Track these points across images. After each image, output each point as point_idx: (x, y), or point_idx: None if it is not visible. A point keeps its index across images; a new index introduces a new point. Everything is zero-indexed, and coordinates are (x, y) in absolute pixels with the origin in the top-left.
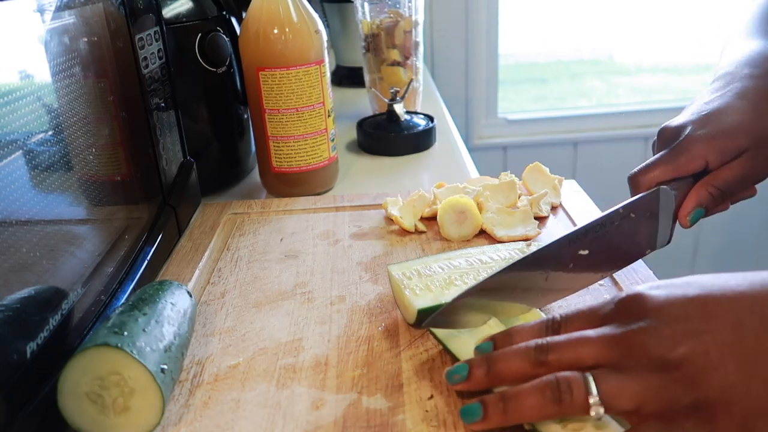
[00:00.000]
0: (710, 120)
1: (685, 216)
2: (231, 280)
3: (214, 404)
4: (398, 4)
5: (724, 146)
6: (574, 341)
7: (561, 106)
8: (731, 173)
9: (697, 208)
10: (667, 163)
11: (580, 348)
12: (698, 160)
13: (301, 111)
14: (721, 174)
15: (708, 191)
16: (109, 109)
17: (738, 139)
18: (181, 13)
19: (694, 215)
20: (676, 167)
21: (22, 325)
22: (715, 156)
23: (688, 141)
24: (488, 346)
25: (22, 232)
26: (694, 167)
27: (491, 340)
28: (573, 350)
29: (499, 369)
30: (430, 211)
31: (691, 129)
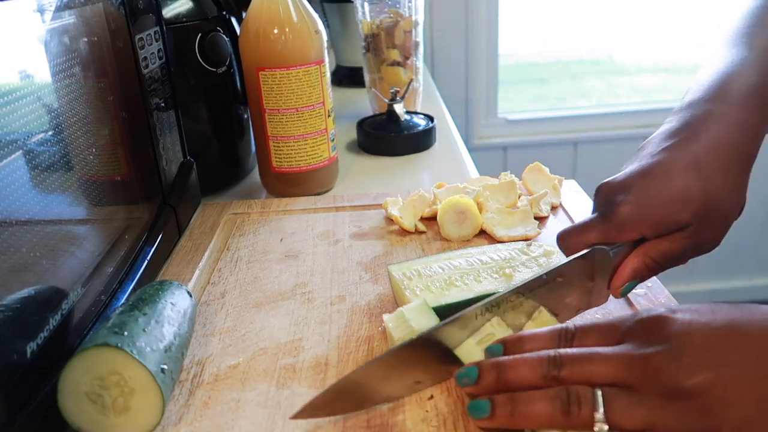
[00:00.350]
0: (649, 183)
1: (617, 287)
2: (231, 280)
3: (214, 404)
4: (398, 4)
5: (660, 221)
6: (589, 357)
7: (561, 106)
8: (670, 247)
9: (632, 280)
10: (600, 230)
11: (594, 365)
12: (631, 232)
13: (301, 111)
14: (660, 246)
15: (644, 262)
16: (109, 109)
17: (677, 213)
18: (181, 13)
19: (627, 287)
20: (609, 235)
21: (22, 325)
22: (650, 229)
23: (621, 209)
24: (498, 349)
25: (22, 232)
26: (627, 237)
27: (501, 343)
28: (587, 367)
29: (509, 377)
30: (430, 211)
31: (626, 194)
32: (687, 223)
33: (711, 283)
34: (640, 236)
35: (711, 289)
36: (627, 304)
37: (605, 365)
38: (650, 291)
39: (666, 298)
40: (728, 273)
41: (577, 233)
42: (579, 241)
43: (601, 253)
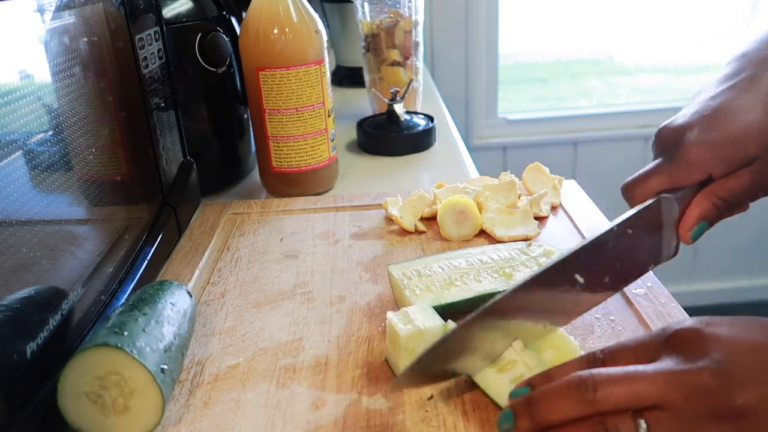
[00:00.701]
0: (714, 122)
1: (687, 231)
2: (231, 280)
3: (214, 404)
4: (398, 4)
5: (729, 155)
6: (628, 376)
7: (561, 106)
8: (739, 183)
9: (700, 221)
10: (665, 173)
11: (635, 384)
12: (700, 171)
13: (301, 111)
14: (727, 184)
15: (712, 202)
16: (109, 109)
17: (746, 147)
18: (181, 13)
19: (696, 230)
20: (675, 178)
21: (22, 325)
22: (719, 166)
23: (688, 148)
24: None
25: (22, 232)
26: (695, 178)
27: (528, 384)
28: (627, 386)
29: (543, 413)
30: (430, 211)
31: (691, 133)
32: (754, 155)
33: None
34: (708, 176)
35: (711, 289)
36: (626, 304)
37: (647, 383)
38: (650, 291)
39: (666, 298)
40: (728, 273)
41: (642, 180)
42: (645, 189)
43: (667, 202)
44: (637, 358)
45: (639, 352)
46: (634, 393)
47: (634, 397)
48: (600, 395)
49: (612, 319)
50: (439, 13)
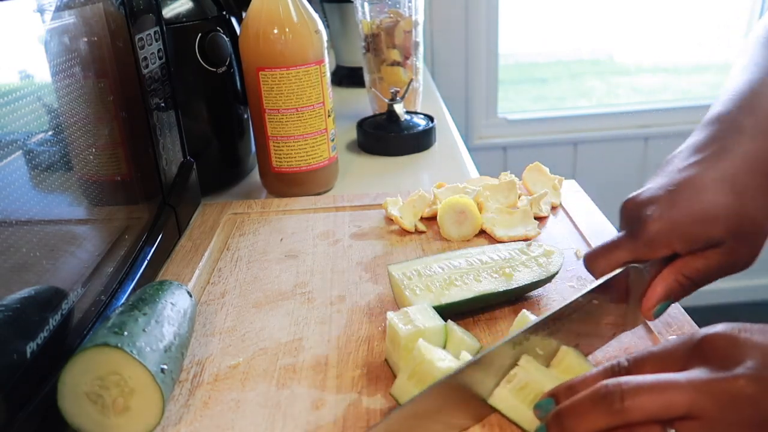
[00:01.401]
0: (677, 199)
1: (649, 309)
2: (231, 280)
3: (214, 404)
4: (398, 4)
5: (692, 235)
6: (659, 384)
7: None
8: (705, 264)
9: (665, 300)
10: (628, 248)
11: (666, 392)
12: (663, 248)
13: (301, 111)
14: (694, 263)
15: (677, 281)
16: (109, 109)
17: (709, 228)
18: (181, 13)
19: (660, 308)
20: (639, 253)
21: (22, 325)
22: (682, 245)
23: (650, 225)
24: (549, 404)
25: (22, 232)
26: (659, 254)
27: (552, 396)
28: (657, 395)
29: (572, 426)
30: (430, 211)
31: (654, 209)
32: (721, 239)
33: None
34: (672, 253)
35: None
36: None
37: (678, 392)
38: None
39: None
40: None
41: (606, 253)
42: (608, 262)
43: (635, 272)
44: (665, 365)
45: (667, 359)
46: (665, 402)
47: (664, 407)
48: (628, 405)
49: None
50: (439, 13)
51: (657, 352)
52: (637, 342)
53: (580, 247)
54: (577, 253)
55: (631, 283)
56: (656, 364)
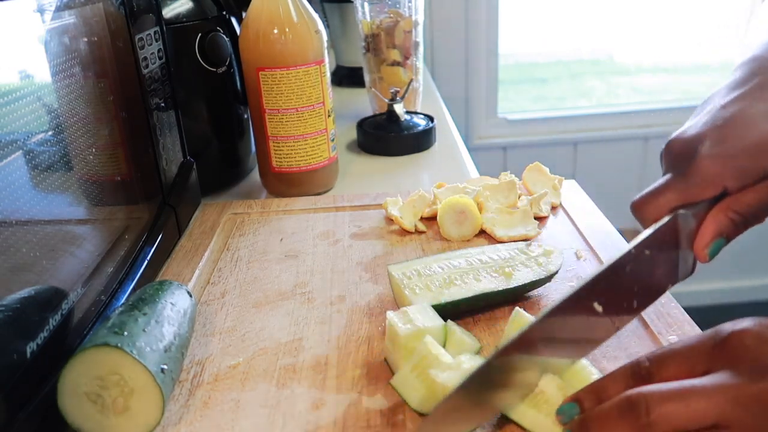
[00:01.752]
0: (728, 133)
1: (703, 248)
2: (231, 280)
3: (214, 404)
4: (398, 4)
5: (745, 168)
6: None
7: (561, 106)
8: (756, 198)
9: (717, 238)
10: (678, 189)
11: (693, 402)
12: (715, 186)
13: (301, 111)
14: (744, 198)
15: (729, 218)
16: (109, 109)
17: (762, 159)
18: (181, 13)
19: (713, 247)
20: (689, 194)
21: (22, 325)
22: (735, 180)
23: (701, 162)
24: (572, 408)
25: (22, 232)
26: (710, 193)
27: (575, 400)
28: (684, 405)
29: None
30: (430, 211)
31: (704, 146)
32: None
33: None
34: (723, 190)
35: (711, 289)
36: None
37: (705, 401)
38: None
39: (666, 298)
40: (728, 273)
41: (654, 198)
42: (658, 207)
43: (683, 218)
44: (689, 365)
45: (690, 358)
46: (692, 413)
47: (691, 418)
48: (654, 417)
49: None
50: (439, 13)
51: (680, 350)
52: (637, 342)
53: (579, 247)
54: (577, 253)
55: (681, 230)
56: (680, 363)
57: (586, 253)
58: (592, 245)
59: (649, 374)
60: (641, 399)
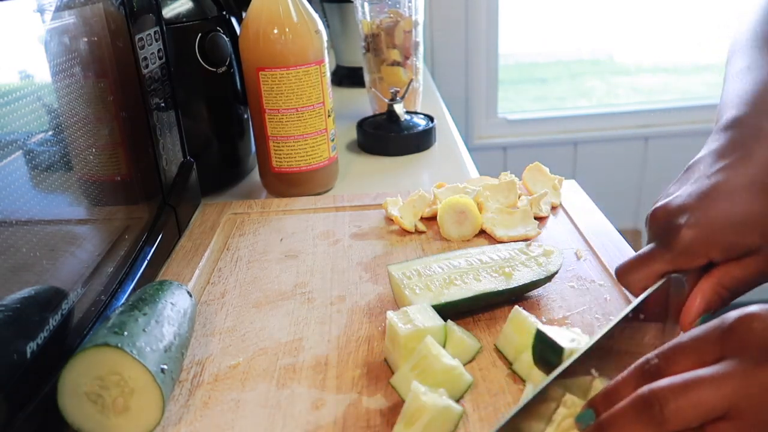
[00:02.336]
0: (712, 206)
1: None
2: (231, 280)
3: (214, 404)
4: (398, 4)
5: (729, 242)
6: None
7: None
8: (745, 272)
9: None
10: (665, 260)
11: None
12: (700, 258)
13: (301, 111)
14: (733, 272)
15: (717, 292)
16: (109, 109)
17: (746, 236)
18: (181, 13)
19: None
20: (676, 264)
21: (22, 325)
22: (719, 253)
23: (686, 233)
24: (589, 415)
25: (22, 232)
26: (696, 264)
27: (591, 407)
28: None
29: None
30: (430, 211)
31: (688, 217)
32: (758, 246)
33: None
34: (708, 261)
35: None
36: (626, 304)
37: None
38: None
39: None
40: None
41: (640, 266)
42: (645, 275)
43: (676, 282)
44: (698, 357)
45: (698, 350)
46: (703, 404)
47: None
48: (668, 413)
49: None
50: (439, 13)
51: (687, 343)
52: None
53: (580, 247)
54: (577, 253)
55: (671, 294)
56: (689, 356)
57: (586, 253)
58: (592, 245)
59: (658, 371)
60: (654, 396)
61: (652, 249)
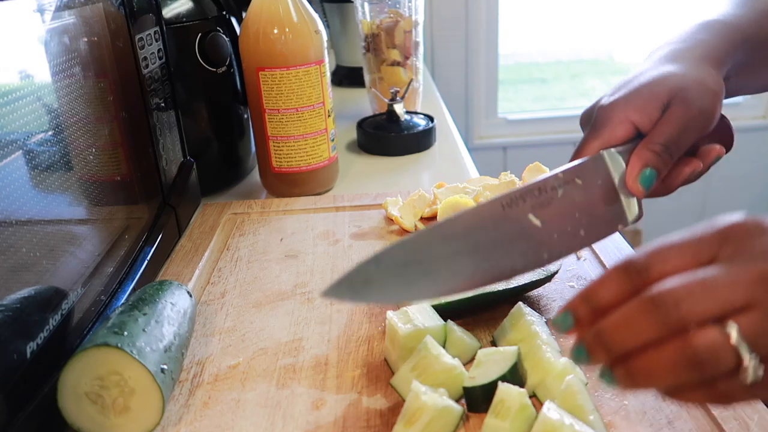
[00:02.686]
0: (625, 84)
1: (633, 180)
2: (231, 280)
3: (214, 404)
4: (398, 4)
5: (643, 103)
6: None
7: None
8: (668, 126)
9: (644, 169)
10: (593, 137)
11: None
12: (623, 124)
13: (301, 111)
14: (658, 129)
15: (650, 149)
16: (109, 109)
17: (656, 92)
18: (181, 13)
19: (643, 178)
20: (604, 138)
21: (22, 325)
22: (638, 115)
23: (604, 109)
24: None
25: (22, 232)
26: (622, 134)
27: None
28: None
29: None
30: (430, 211)
31: (604, 98)
32: (667, 98)
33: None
34: (634, 128)
35: None
36: None
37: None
38: None
39: None
40: None
41: (576, 155)
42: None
43: (611, 156)
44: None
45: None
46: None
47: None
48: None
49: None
50: (439, 13)
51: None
52: None
53: None
54: (577, 254)
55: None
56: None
57: (586, 253)
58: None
59: (646, 270)
60: (666, 296)
61: (584, 136)
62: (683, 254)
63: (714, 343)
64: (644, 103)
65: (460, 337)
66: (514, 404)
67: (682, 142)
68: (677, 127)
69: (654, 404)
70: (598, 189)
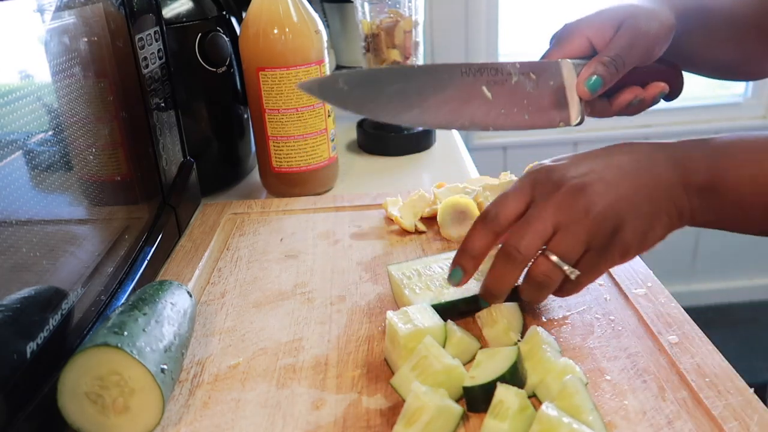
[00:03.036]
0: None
1: (581, 84)
2: (231, 280)
3: (214, 404)
4: (398, 4)
5: (599, 23)
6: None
7: None
8: (617, 41)
9: (591, 76)
10: (556, 50)
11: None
12: (580, 39)
13: (301, 111)
14: (609, 46)
15: (599, 60)
16: (109, 109)
17: (611, 16)
18: (181, 13)
19: (589, 82)
20: (564, 51)
21: (22, 325)
22: (594, 33)
23: (568, 27)
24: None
25: (22, 232)
26: (579, 48)
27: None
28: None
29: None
30: (430, 211)
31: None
32: (620, 19)
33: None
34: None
35: (711, 289)
36: (626, 304)
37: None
38: (650, 291)
39: (666, 298)
40: (728, 273)
41: None
42: None
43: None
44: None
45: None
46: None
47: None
48: (523, 250)
49: (612, 319)
50: (439, 13)
51: (510, 194)
52: (637, 342)
53: None
54: None
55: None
56: (514, 203)
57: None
58: None
59: (496, 216)
60: (509, 245)
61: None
62: (515, 200)
63: (545, 269)
64: (600, 24)
65: (460, 337)
66: (512, 405)
67: (628, 59)
68: (624, 44)
69: (654, 404)
70: (549, 88)
